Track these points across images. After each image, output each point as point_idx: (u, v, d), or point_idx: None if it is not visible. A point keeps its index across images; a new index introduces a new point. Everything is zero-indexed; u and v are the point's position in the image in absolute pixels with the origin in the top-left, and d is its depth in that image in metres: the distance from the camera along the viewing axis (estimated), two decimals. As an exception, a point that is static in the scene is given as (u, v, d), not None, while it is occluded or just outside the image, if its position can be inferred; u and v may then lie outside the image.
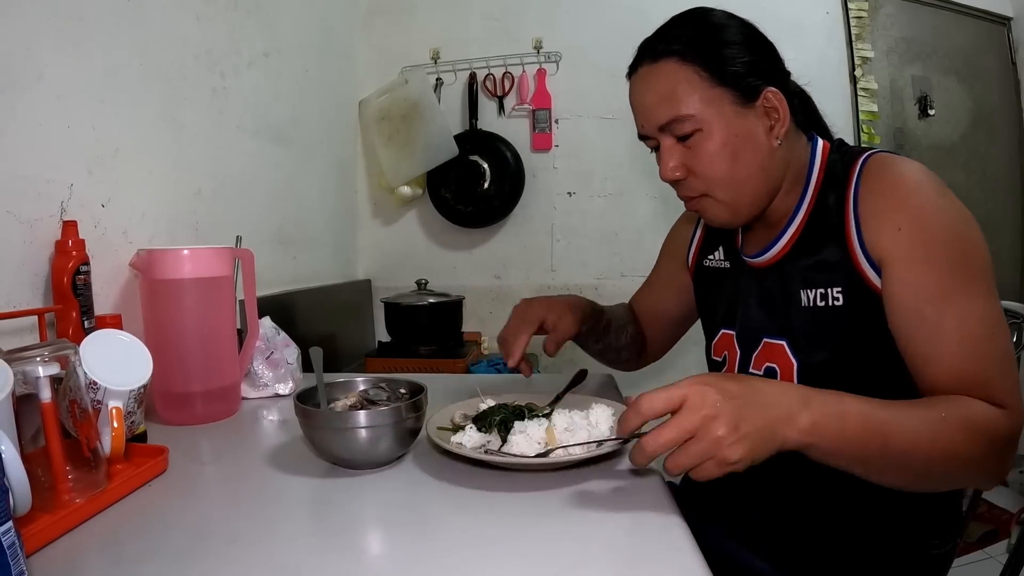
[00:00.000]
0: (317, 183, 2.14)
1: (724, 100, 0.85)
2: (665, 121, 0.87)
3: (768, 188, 0.91)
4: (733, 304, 1.03)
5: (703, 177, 0.89)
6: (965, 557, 2.08)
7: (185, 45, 1.37)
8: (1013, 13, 2.64)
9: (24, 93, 0.96)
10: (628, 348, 1.25)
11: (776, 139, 0.88)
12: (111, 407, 0.75)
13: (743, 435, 0.63)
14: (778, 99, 0.87)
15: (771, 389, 0.69)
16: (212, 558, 0.60)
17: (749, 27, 0.90)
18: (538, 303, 1.10)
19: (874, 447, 0.69)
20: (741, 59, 0.86)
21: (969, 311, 0.77)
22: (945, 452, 0.71)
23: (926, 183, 0.82)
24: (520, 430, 0.82)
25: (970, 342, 0.76)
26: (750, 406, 0.65)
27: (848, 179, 0.86)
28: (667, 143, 0.90)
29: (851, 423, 0.68)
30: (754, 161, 0.87)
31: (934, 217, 0.79)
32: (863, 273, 0.83)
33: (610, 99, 2.37)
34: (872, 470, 0.72)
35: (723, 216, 0.92)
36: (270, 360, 1.20)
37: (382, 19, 2.47)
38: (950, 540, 0.94)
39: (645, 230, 2.42)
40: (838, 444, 0.68)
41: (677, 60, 0.86)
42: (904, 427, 0.70)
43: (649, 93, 0.89)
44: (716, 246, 1.11)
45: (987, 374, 0.75)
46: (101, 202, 1.12)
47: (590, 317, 1.14)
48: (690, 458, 0.63)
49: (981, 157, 2.59)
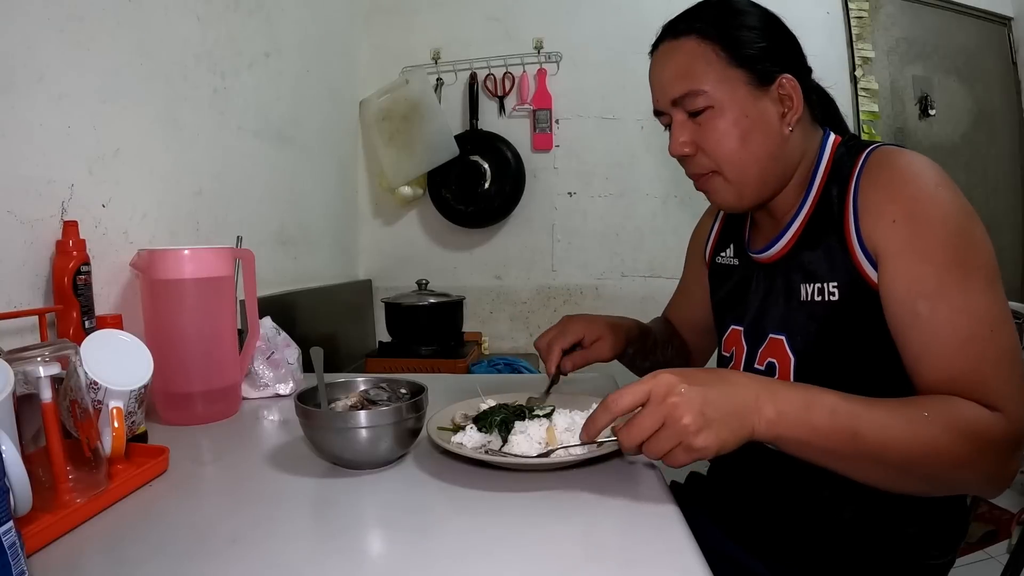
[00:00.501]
0: (318, 183, 2.14)
1: (739, 80, 0.86)
2: (679, 94, 0.88)
3: (776, 174, 0.90)
4: (741, 300, 1.04)
5: (712, 154, 0.89)
6: (965, 558, 2.08)
7: (186, 45, 1.37)
8: (1014, 13, 2.64)
9: (25, 93, 0.96)
10: (674, 362, 1.24)
11: (788, 126, 0.88)
12: (112, 407, 0.75)
13: (708, 421, 0.65)
14: (793, 87, 0.87)
15: (739, 379, 0.71)
16: (213, 558, 0.60)
17: (771, 16, 0.91)
18: (580, 320, 1.10)
19: (843, 438, 0.69)
20: (759, 43, 0.87)
21: (963, 307, 0.75)
22: (926, 450, 0.69)
23: (925, 175, 0.80)
24: (521, 430, 0.82)
25: (962, 340, 0.74)
26: (715, 393, 0.67)
27: (851, 172, 0.86)
28: (679, 118, 0.90)
29: (818, 413, 0.69)
30: (763, 144, 0.88)
31: (930, 209, 0.78)
32: (860, 267, 0.82)
33: (611, 99, 2.38)
34: (846, 465, 0.72)
35: (729, 197, 0.92)
36: (271, 360, 1.20)
37: (383, 19, 2.48)
38: (950, 551, 0.92)
39: (645, 230, 2.42)
40: (806, 434, 0.68)
41: (697, 37, 0.87)
42: (877, 422, 0.69)
43: (667, 67, 0.91)
44: (728, 243, 1.11)
45: (981, 374, 0.73)
46: (102, 202, 1.12)
47: (637, 339, 1.15)
48: (659, 444, 0.66)
49: (982, 157, 2.59)
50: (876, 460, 0.70)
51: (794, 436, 0.68)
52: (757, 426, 0.67)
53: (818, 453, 0.70)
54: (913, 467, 0.70)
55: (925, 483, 0.74)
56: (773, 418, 0.68)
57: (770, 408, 0.68)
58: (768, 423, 0.67)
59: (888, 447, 0.69)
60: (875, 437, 0.69)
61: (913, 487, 0.75)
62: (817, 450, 0.70)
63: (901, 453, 0.69)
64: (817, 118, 0.95)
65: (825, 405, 0.69)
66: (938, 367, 0.75)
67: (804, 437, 0.68)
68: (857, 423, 0.69)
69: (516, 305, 2.49)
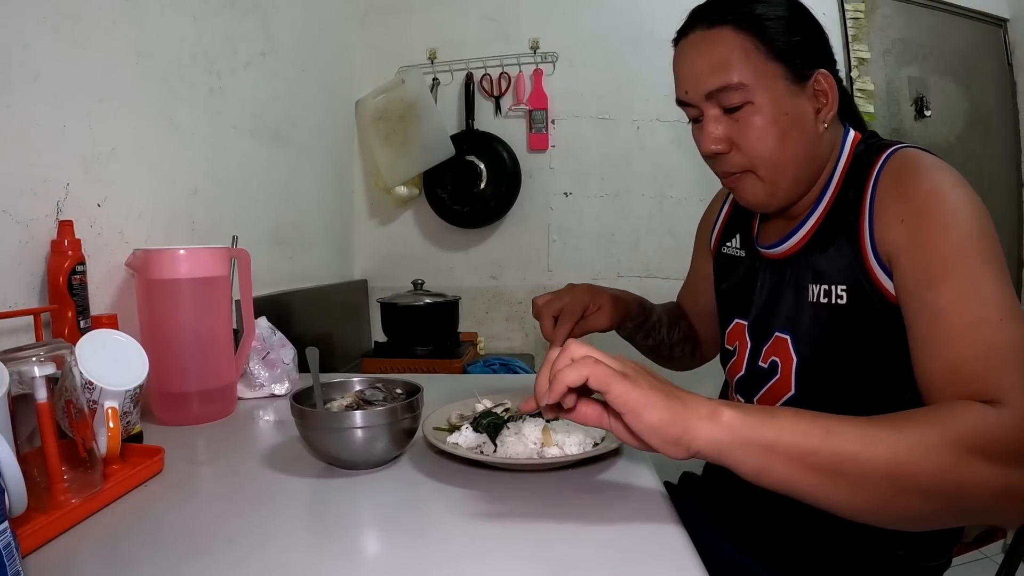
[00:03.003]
0: (314, 183, 2.14)
1: (777, 75, 0.83)
2: (715, 88, 0.84)
3: (809, 173, 0.88)
4: (747, 294, 1.02)
5: (748, 153, 0.86)
6: (961, 557, 2.09)
7: (182, 44, 1.37)
8: (1009, 14, 2.65)
9: (20, 92, 0.96)
10: (680, 345, 1.22)
11: (823, 123, 0.86)
12: (107, 407, 0.75)
13: (639, 377, 0.60)
14: (828, 83, 0.85)
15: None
16: (208, 558, 0.60)
17: (803, 8, 0.88)
18: (586, 289, 1.06)
19: (815, 438, 0.59)
20: (796, 37, 0.84)
21: (971, 293, 0.69)
22: (917, 456, 0.59)
23: (941, 176, 0.77)
24: (516, 430, 0.82)
25: (968, 324, 0.68)
26: (664, 381, 0.62)
27: (868, 175, 0.83)
28: (712, 113, 0.86)
29: (782, 414, 0.61)
30: (800, 142, 0.85)
31: (939, 205, 0.75)
32: (872, 273, 0.80)
33: (607, 100, 2.38)
34: (819, 481, 0.60)
35: (760, 196, 0.89)
36: (266, 360, 1.20)
37: (379, 19, 2.47)
38: (946, 553, 0.92)
39: (641, 231, 2.42)
40: (771, 435, 0.59)
41: (733, 28, 0.83)
42: (853, 424, 0.61)
43: (700, 58, 0.86)
44: (734, 233, 1.10)
45: (988, 362, 0.65)
46: (97, 202, 1.12)
47: (637, 315, 1.12)
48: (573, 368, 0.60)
49: (977, 158, 2.60)
50: (853, 468, 0.59)
51: (758, 437, 0.59)
52: (705, 426, 0.59)
53: (783, 464, 0.59)
54: (901, 478, 0.59)
55: (921, 501, 0.60)
56: (729, 419, 0.59)
57: (726, 410, 0.60)
58: (724, 425, 0.59)
59: (867, 448, 0.59)
60: (851, 436, 0.59)
61: (910, 511, 0.62)
62: (782, 458, 0.59)
63: (883, 458, 0.59)
64: (840, 114, 0.91)
65: (789, 411, 0.62)
66: (942, 354, 0.69)
67: (770, 438, 0.59)
68: (831, 422, 0.60)
69: (512, 305, 2.49)
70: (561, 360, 0.61)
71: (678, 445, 0.59)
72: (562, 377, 0.59)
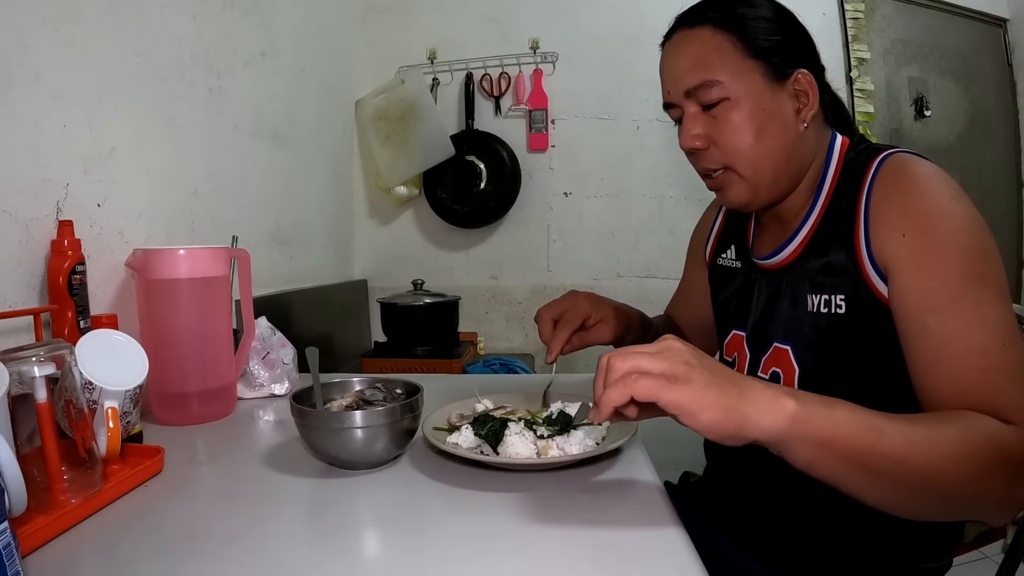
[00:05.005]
0: (313, 183, 2.14)
1: (755, 73, 0.84)
2: (693, 85, 0.86)
3: (790, 172, 0.89)
4: (744, 304, 1.02)
5: (725, 149, 0.87)
6: (961, 557, 2.08)
7: (182, 44, 1.37)
8: (1009, 15, 2.65)
9: (20, 92, 0.96)
10: None
11: (803, 122, 0.87)
12: (107, 407, 0.75)
13: (701, 369, 0.60)
14: (808, 82, 0.86)
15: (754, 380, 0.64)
16: (208, 558, 0.60)
17: (786, 10, 0.90)
18: (588, 298, 1.08)
19: (868, 440, 0.61)
20: (775, 36, 0.85)
21: (976, 319, 0.71)
22: (947, 462, 0.63)
23: (940, 188, 0.77)
24: (516, 431, 0.82)
25: (975, 352, 0.70)
26: (723, 370, 0.62)
27: (862, 181, 0.83)
28: (692, 110, 0.88)
29: (839, 409, 0.63)
30: (779, 139, 0.86)
31: (941, 222, 0.75)
32: (869, 281, 0.80)
33: (607, 100, 2.38)
34: (861, 477, 0.63)
35: (742, 194, 0.90)
36: (266, 360, 1.20)
37: (379, 19, 2.47)
38: (948, 554, 0.92)
39: (641, 231, 2.42)
40: (829, 430, 0.61)
41: (712, 27, 0.86)
42: (901, 426, 0.63)
43: (681, 57, 0.88)
44: (729, 244, 1.10)
45: (996, 386, 0.69)
46: (97, 202, 1.12)
47: (638, 329, 1.13)
48: (635, 361, 0.61)
49: (977, 158, 2.60)
50: (897, 471, 0.63)
51: (816, 432, 0.61)
52: (765, 417, 0.60)
53: (834, 460, 0.62)
54: (932, 482, 0.63)
55: (940, 502, 0.66)
56: (793, 410, 0.60)
57: (788, 400, 0.61)
58: (787, 417, 0.60)
59: (912, 455, 0.62)
60: (899, 442, 0.62)
61: (927, 508, 0.67)
62: (835, 455, 0.62)
63: (922, 464, 0.62)
64: (828, 119, 0.93)
65: (844, 404, 0.64)
66: (950, 379, 0.71)
67: (827, 433, 0.61)
68: (882, 423, 0.63)
69: (512, 305, 2.49)
70: (607, 377, 0.62)
71: (734, 438, 0.60)
72: (607, 399, 0.60)
